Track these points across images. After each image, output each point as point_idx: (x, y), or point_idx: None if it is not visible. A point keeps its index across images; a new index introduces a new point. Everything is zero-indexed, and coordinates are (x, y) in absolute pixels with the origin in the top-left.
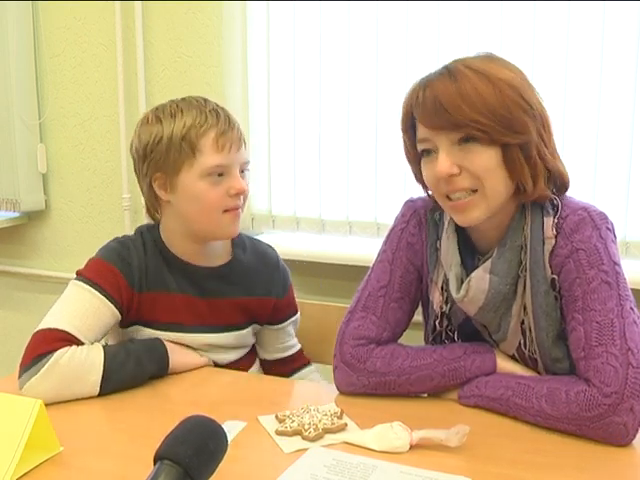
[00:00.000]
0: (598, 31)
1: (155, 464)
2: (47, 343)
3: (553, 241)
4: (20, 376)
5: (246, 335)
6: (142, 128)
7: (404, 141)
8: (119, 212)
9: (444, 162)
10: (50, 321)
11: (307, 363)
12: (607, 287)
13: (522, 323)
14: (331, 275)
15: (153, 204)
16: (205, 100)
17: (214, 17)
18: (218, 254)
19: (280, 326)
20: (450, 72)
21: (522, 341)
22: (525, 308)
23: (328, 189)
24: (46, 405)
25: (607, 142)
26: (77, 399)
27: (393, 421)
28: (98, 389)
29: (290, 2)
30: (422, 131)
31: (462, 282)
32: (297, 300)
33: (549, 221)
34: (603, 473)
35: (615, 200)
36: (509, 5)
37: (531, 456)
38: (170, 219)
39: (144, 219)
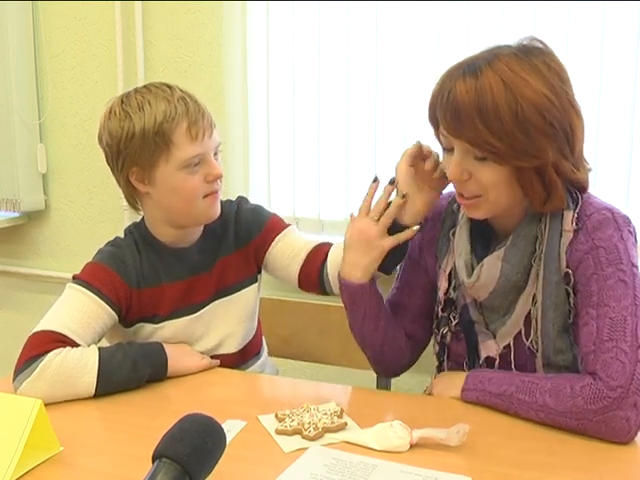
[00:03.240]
0: (598, 31)
1: (153, 462)
2: (40, 345)
3: (571, 235)
4: (14, 379)
5: (250, 293)
6: (110, 122)
7: (433, 129)
8: (119, 212)
9: (455, 169)
10: (44, 324)
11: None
12: (623, 285)
13: (528, 313)
14: None
15: (132, 195)
16: (170, 87)
17: (214, 17)
18: (199, 230)
19: (271, 247)
20: (476, 76)
21: (524, 331)
22: (534, 298)
23: (327, 189)
24: (45, 405)
25: (607, 142)
26: (77, 399)
27: (393, 420)
28: (93, 391)
29: (290, 2)
30: (442, 128)
31: (472, 268)
32: (297, 300)
33: (569, 214)
34: (603, 473)
35: (615, 200)
36: (509, 5)
37: (531, 456)
38: (151, 209)
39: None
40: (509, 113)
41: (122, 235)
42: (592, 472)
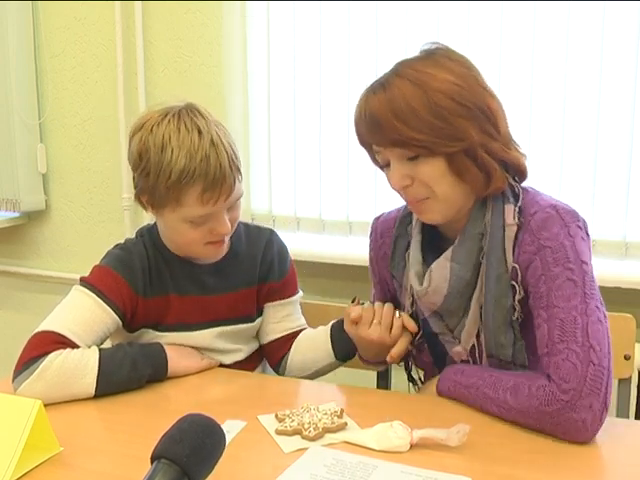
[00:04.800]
0: (598, 31)
1: (152, 463)
2: (41, 346)
3: (514, 228)
4: (14, 379)
5: (256, 326)
6: (134, 143)
7: (367, 151)
8: (119, 212)
9: (394, 176)
10: (46, 325)
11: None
12: (572, 285)
13: (480, 308)
14: (331, 275)
15: (145, 209)
16: (199, 133)
17: (214, 17)
18: None
19: (274, 303)
20: (383, 87)
21: (480, 328)
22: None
23: (328, 189)
24: (45, 406)
25: (607, 143)
26: (76, 400)
27: (393, 420)
28: (93, 392)
29: (290, 2)
30: (374, 145)
31: (424, 277)
32: None
33: (509, 208)
34: (603, 473)
35: (615, 200)
36: (509, 5)
37: (531, 456)
38: (162, 226)
39: (144, 219)
40: (422, 106)
41: (132, 236)
42: (593, 472)
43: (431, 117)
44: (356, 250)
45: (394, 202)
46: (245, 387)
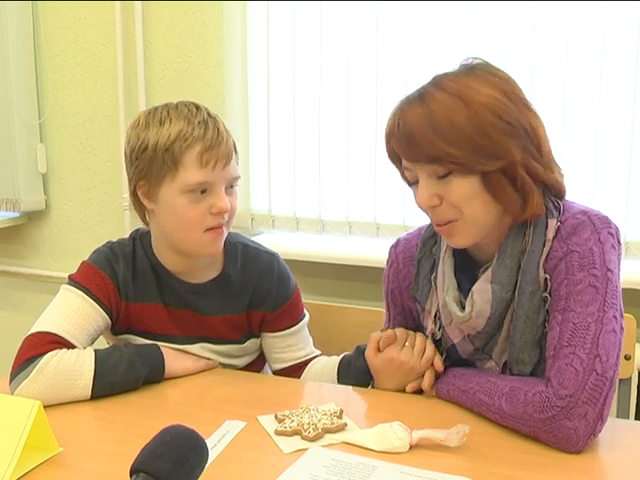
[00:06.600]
0: (598, 31)
1: (131, 476)
2: (36, 347)
3: (550, 243)
4: (11, 380)
5: (247, 346)
6: (133, 131)
7: (396, 167)
8: (119, 212)
9: (422, 195)
10: (40, 325)
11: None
12: (593, 291)
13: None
14: (331, 275)
15: (140, 209)
16: (197, 108)
17: (214, 17)
18: (208, 267)
19: (271, 334)
20: (423, 99)
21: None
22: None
23: (328, 189)
24: (44, 406)
25: (607, 143)
26: (75, 401)
27: (393, 421)
28: (89, 392)
29: (290, 2)
30: (404, 161)
31: (462, 304)
32: None
33: (552, 222)
34: (603, 473)
35: (615, 200)
36: (509, 5)
37: (531, 456)
38: (156, 228)
39: None
40: (464, 121)
41: (127, 236)
42: (591, 473)
43: (472, 132)
44: (355, 250)
45: (394, 203)
46: (245, 387)
